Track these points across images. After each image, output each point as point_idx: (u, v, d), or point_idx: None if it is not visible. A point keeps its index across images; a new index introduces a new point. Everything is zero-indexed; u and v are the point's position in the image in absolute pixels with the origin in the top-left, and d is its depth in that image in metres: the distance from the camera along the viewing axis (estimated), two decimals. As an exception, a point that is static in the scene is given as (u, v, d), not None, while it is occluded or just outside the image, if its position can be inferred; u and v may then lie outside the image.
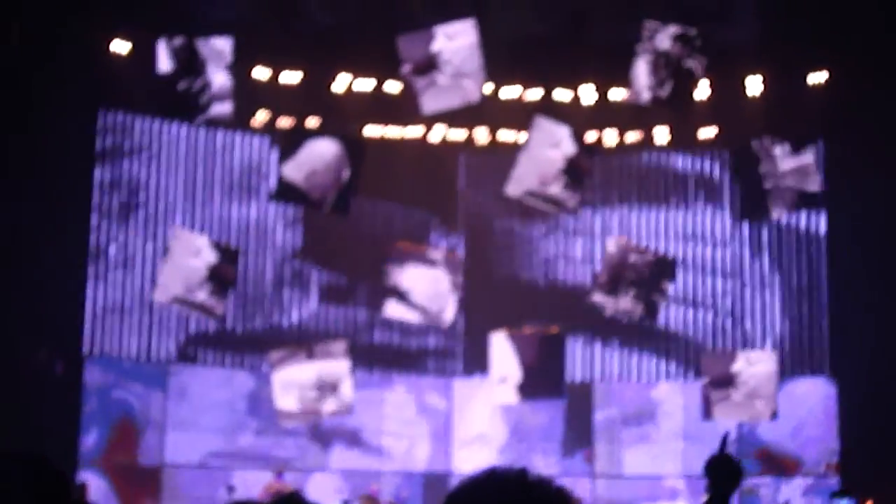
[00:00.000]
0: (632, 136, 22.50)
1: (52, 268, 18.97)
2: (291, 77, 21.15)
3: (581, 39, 20.39)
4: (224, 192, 22.52)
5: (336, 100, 21.32)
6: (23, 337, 18.17)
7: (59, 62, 18.66)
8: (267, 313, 22.79)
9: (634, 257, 19.14)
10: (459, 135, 22.71)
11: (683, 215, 23.26)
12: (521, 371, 19.86)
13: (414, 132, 22.39)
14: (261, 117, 21.66)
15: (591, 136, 20.65)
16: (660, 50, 17.04)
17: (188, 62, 16.55)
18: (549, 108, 20.02)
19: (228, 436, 22.04)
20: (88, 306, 21.09)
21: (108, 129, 21.53)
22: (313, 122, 20.67)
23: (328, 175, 17.59)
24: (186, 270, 18.15)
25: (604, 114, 21.40)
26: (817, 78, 20.63)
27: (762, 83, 20.86)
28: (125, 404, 21.34)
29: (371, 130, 21.78)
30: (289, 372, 19.37)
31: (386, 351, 23.36)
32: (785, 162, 18.13)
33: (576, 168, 17.84)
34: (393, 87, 20.82)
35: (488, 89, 17.48)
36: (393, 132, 22.34)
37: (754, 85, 20.90)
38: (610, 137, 22.26)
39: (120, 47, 19.86)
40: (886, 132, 19.31)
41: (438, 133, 22.59)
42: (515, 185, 17.96)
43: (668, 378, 22.96)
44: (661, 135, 22.33)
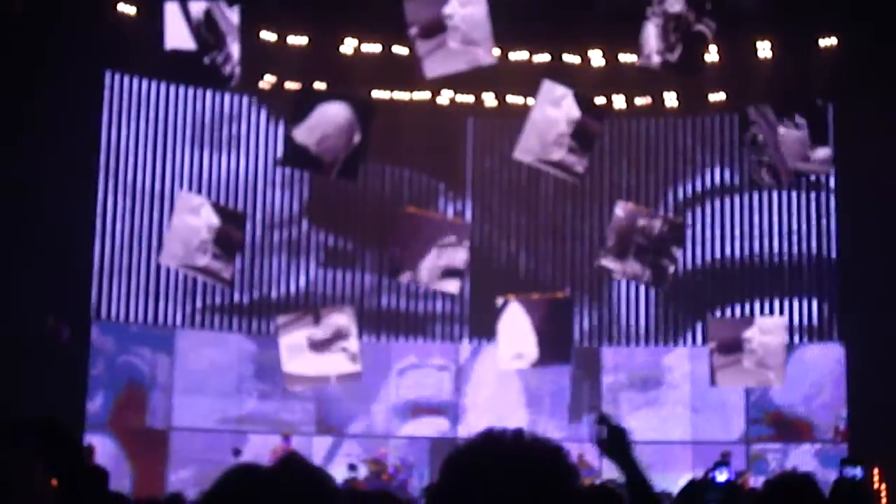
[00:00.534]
0: (641, 101, 22.38)
1: (59, 232, 18.92)
2: (298, 40, 21.02)
3: (590, 3, 20.24)
4: (230, 154, 22.51)
5: (343, 63, 21.18)
6: (30, 301, 18.13)
7: (66, 22, 18.56)
8: (274, 278, 22.77)
9: (643, 221, 19.05)
10: (467, 99, 22.58)
11: (692, 180, 23.18)
12: (529, 336, 19.80)
13: (421, 96, 22.26)
14: (268, 80, 21.56)
15: (600, 101, 20.52)
16: (670, 13, 16.87)
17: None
18: (558, 72, 19.87)
19: (235, 399, 22.07)
20: (95, 270, 21.09)
21: (114, 91, 21.49)
22: (321, 87, 20.52)
23: (340, 139, 17.45)
24: (192, 234, 18.07)
25: (613, 78, 21.27)
26: (827, 42, 20.50)
27: (771, 48, 20.73)
28: (132, 368, 21.37)
29: (379, 94, 21.63)
30: (296, 336, 19.34)
31: (393, 316, 23.35)
32: (783, 130, 17.99)
33: (584, 132, 17.71)
34: (401, 51, 20.66)
35: (496, 53, 17.29)
36: (401, 96, 22.21)
37: (764, 49, 20.77)
38: (619, 102, 22.13)
39: (126, 9, 19.74)
40: (896, 96, 19.24)
41: (446, 97, 22.46)
42: (523, 150, 17.85)
43: (676, 344, 22.92)
44: (671, 99, 22.22)
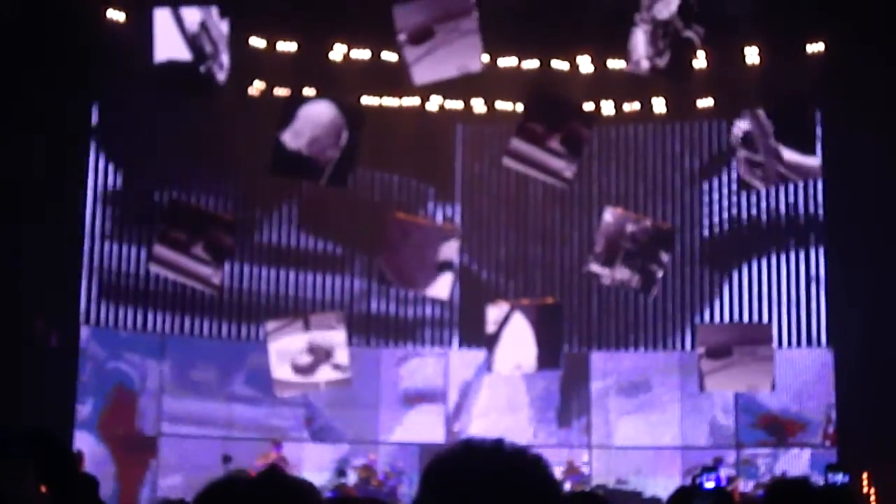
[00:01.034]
0: (629, 107, 22.42)
1: (49, 237, 18.89)
2: (288, 47, 21.02)
3: (579, 8, 20.26)
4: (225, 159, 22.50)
5: (333, 70, 21.18)
6: (19, 306, 18.10)
7: (55, 27, 18.54)
8: (264, 283, 22.77)
9: (631, 227, 19.09)
10: (457, 105, 22.61)
11: (681, 185, 23.23)
12: (520, 342, 19.83)
13: (411, 102, 22.27)
14: (258, 87, 21.55)
15: (589, 107, 20.56)
16: (658, 20, 16.91)
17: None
18: (547, 78, 19.91)
19: (225, 406, 22.06)
20: (85, 276, 21.06)
21: (104, 101, 21.41)
22: (310, 93, 20.50)
23: (329, 138, 17.40)
24: (182, 240, 18.04)
25: (601, 84, 21.31)
26: (815, 48, 20.56)
27: (759, 53, 20.79)
28: (122, 374, 21.35)
29: (368, 100, 21.65)
30: (285, 342, 19.35)
31: (382, 321, 23.37)
32: (773, 134, 18.04)
33: (573, 138, 17.75)
34: (390, 57, 20.66)
35: (485, 59, 17.32)
36: (390, 102, 22.23)
37: (752, 55, 20.82)
38: (607, 108, 22.17)
39: (115, 15, 19.71)
40: (883, 102, 19.25)
41: (435, 103, 22.49)
42: (512, 156, 17.88)
43: (665, 349, 22.96)
44: (659, 105, 22.26)
